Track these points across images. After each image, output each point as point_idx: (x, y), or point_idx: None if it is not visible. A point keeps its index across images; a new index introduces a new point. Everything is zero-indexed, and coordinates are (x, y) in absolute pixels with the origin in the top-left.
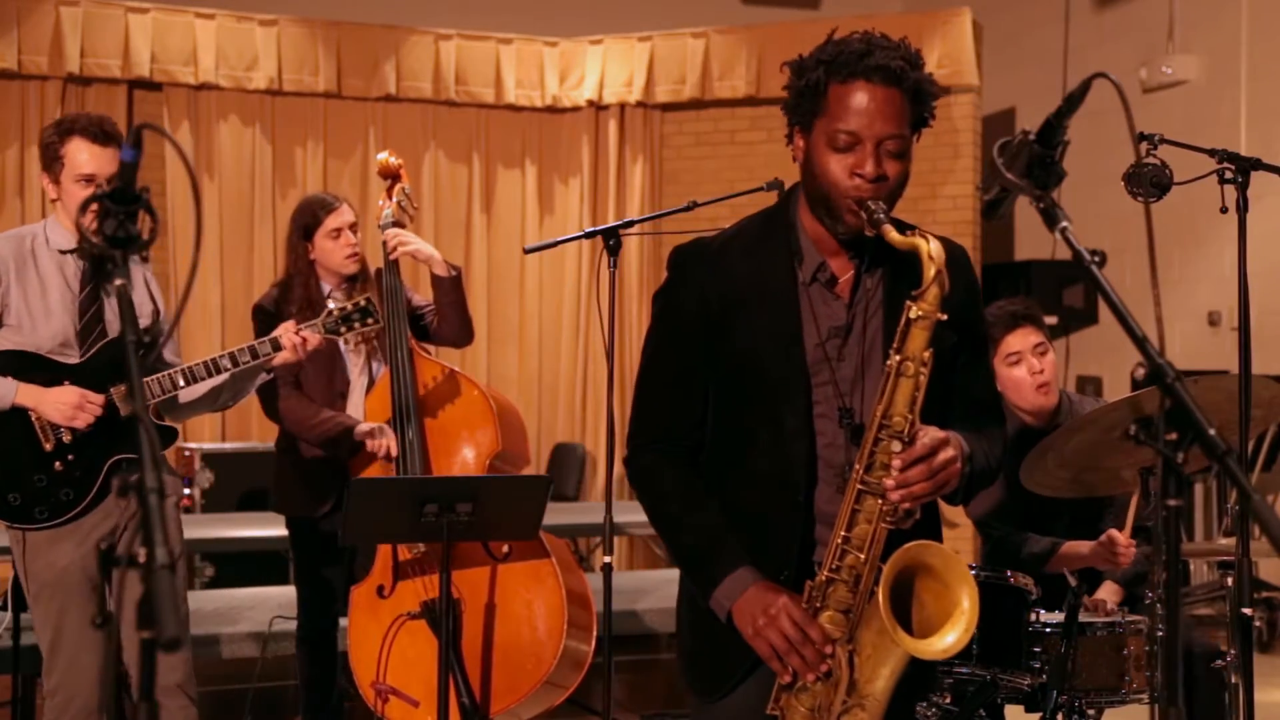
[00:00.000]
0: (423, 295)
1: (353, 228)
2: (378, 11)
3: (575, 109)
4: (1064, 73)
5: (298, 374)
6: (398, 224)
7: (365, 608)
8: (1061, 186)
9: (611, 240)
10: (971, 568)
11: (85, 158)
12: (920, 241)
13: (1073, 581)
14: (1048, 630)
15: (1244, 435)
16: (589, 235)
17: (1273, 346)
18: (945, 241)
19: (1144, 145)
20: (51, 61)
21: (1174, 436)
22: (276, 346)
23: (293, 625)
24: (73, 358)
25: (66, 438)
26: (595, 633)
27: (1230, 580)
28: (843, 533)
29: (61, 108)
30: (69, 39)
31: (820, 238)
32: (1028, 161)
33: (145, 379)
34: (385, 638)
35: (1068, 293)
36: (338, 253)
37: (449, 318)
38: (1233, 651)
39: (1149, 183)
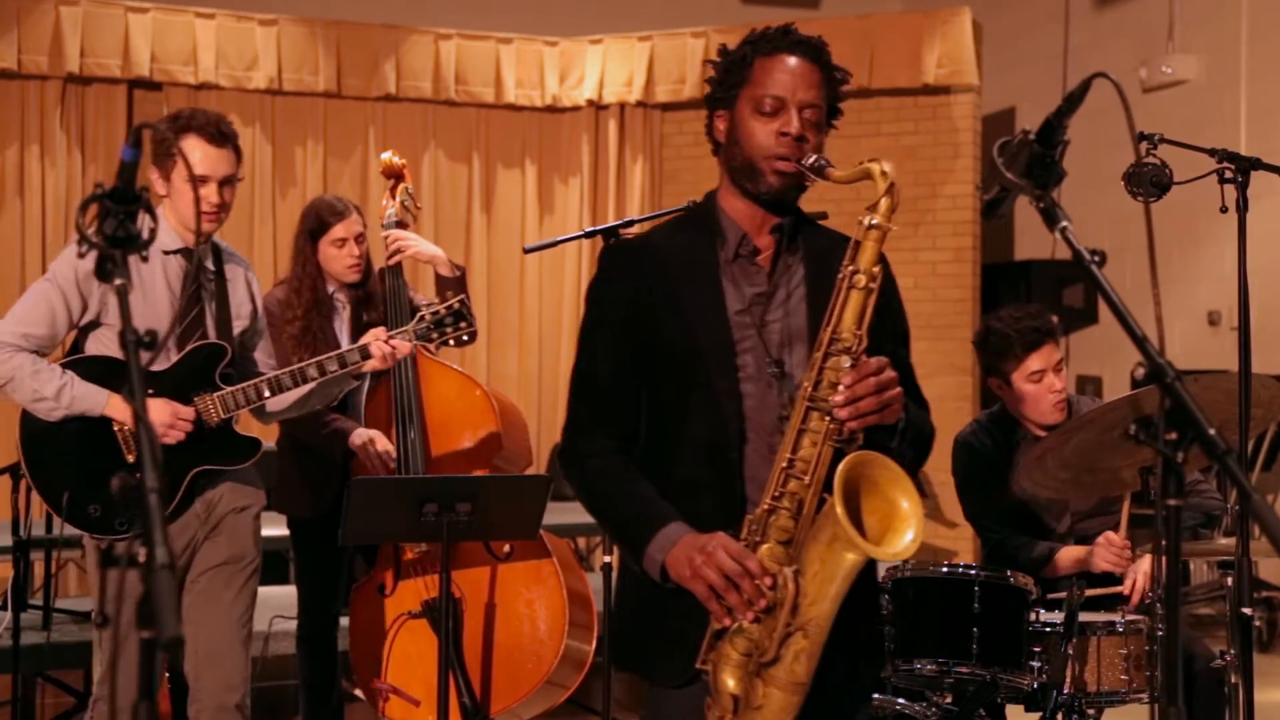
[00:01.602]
0: (424, 294)
1: (358, 238)
2: (378, 11)
3: (575, 109)
4: (1064, 73)
5: None
6: (400, 224)
7: (366, 607)
8: (1061, 186)
9: (611, 240)
10: (970, 568)
11: (199, 157)
12: (870, 165)
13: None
14: (1048, 630)
15: (1244, 435)
16: (589, 235)
17: (1273, 346)
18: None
19: (1144, 145)
20: (51, 61)
21: (1174, 436)
22: (365, 354)
23: (293, 625)
24: (163, 362)
25: None
26: (596, 632)
27: (1230, 580)
28: (788, 455)
29: (61, 108)
30: (69, 39)
31: (741, 215)
32: (1028, 161)
33: (231, 389)
34: (386, 637)
35: (1068, 293)
36: (339, 261)
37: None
38: (1233, 651)
39: (1149, 182)
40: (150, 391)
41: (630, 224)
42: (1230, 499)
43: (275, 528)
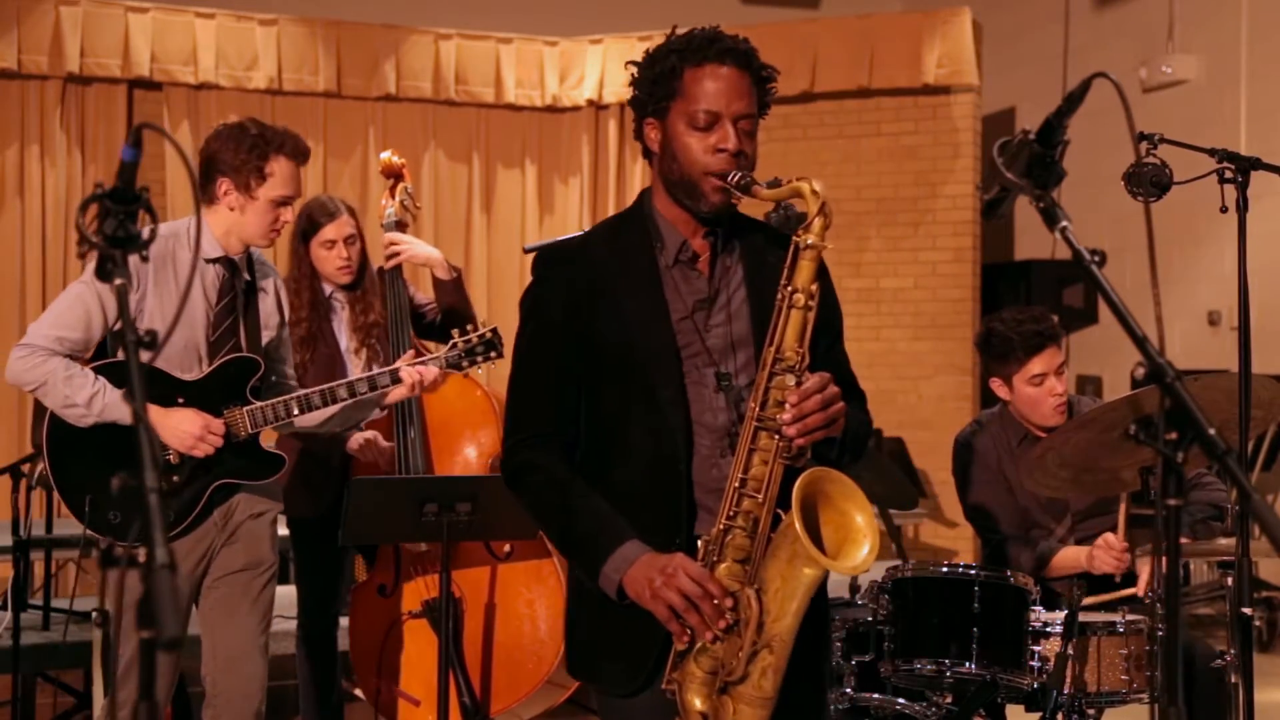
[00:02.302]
0: (425, 293)
1: (349, 239)
2: (378, 11)
3: (575, 109)
4: (1064, 73)
5: (302, 376)
6: (400, 224)
7: (366, 607)
8: (1061, 186)
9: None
10: (970, 568)
11: (290, 178)
12: (800, 183)
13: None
14: (1048, 630)
15: (1244, 435)
16: None
17: (1273, 346)
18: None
19: (1144, 145)
20: (51, 61)
21: (1174, 436)
22: (395, 379)
23: (293, 625)
24: (195, 373)
25: (174, 459)
26: None
27: (1230, 580)
28: (740, 475)
29: (61, 108)
30: (69, 39)
31: (679, 220)
32: (1028, 161)
33: (261, 405)
34: (386, 637)
35: (1068, 293)
36: (330, 263)
37: (452, 316)
38: (1232, 651)
39: (1149, 182)
40: (180, 401)
41: None
42: (1230, 499)
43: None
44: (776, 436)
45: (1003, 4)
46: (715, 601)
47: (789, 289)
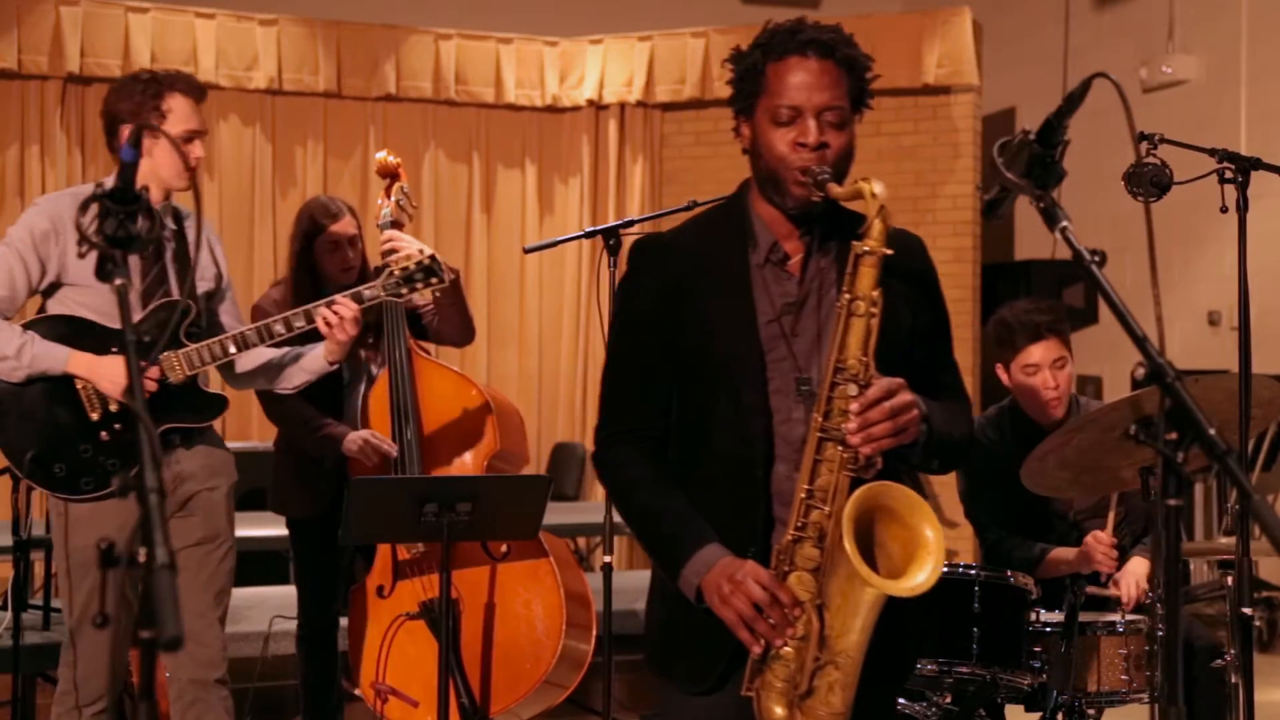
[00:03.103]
0: (424, 294)
1: (352, 240)
2: (378, 11)
3: (575, 109)
4: (1064, 73)
5: None
6: (396, 223)
7: (365, 608)
8: (1061, 186)
9: (611, 240)
10: (970, 568)
11: (188, 113)
12: (862, 184)
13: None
14: (1048, 630)
15: (1244, 435)
16: (589, 235)
17: (1273, 346)
18: (902, 231)
19: (1144, 145)
20: (51, 61)
21: (1174, 436)
22: (309, 319)
23: (293, 625)
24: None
25: (114, 407)
26: (595, 632)
27: (1230, 580)
28: (806, 486)
29: (61, 108)
30: (69, 39)
31: (773, 220)
32: (1028, 161)
33: (196, 346)
34: (385, 638)
35: (1068, 293)
36: (332, 264)
37: (449, 318)
38: (1232, 651)
39: (1149, 182)
40: (114, 350)
41: (630, 224)
42: (1230, 499)
43: (275, 528)
44: (841, 447)
45: (1003, 4)
46: (784, 610)
47: (848, 297)
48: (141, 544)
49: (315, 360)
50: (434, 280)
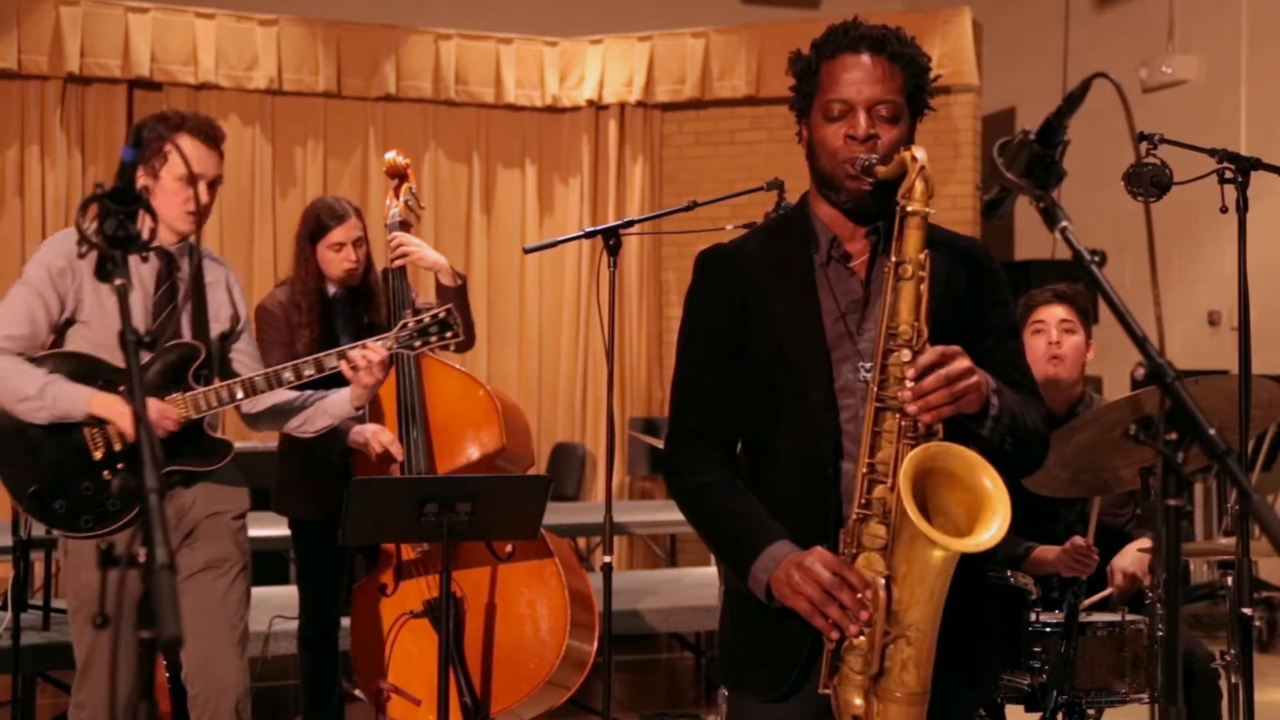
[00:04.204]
0: (426, 296)
1: (356, 242)
2: (378, 11)
3: (575, 109)
4: (1064, 73)
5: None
6: (404, 224)
7: (367, 607)
8: (1061, 186)
9: (611, 240)
10: None
11: (193, 156)
12: (903, 153)
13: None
14: (1048, 630)
15: (1244, 435)
16: (589, 235)
17: (1273, 346)
18: (962, 237)
19: (1144, 145)
20: (51, 61)
21: (1174, 436)
22: (343, 356)
23: (293, 625)
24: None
25: (117, 446)
26: (597, 633)
27: (1230, 580)
28: (867, 460)
29: (61, 108)
30: (69, 39)
31: (832, 219)
32: (1028, 161)
33: (204, 389)
34: (387, 637)
35: None
36: (337, 265)
37: None
38: (1232, 651)
39: (1149, 183)
40: (122, 389)
41: (630, 224)
42: (1230, 499)
43: (276, 528)
44: (899, 415)
45: (1003, 4)
46: (855, 594)
47: (895, 260)
48: (142, 544)
49: (339, 405)
50: (448, 335)
